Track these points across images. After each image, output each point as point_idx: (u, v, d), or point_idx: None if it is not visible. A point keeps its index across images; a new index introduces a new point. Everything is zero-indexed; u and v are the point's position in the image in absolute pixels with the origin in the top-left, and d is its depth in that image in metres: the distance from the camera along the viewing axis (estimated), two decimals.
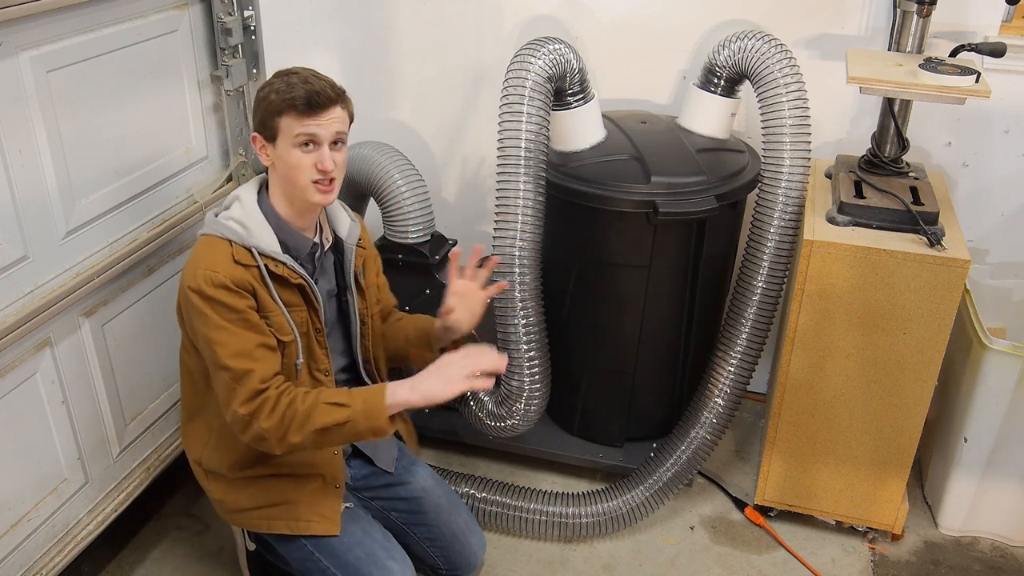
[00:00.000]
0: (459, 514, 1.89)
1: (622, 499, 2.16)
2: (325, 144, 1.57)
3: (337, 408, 1.55)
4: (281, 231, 1.66)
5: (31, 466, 1.76)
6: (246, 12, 2.12)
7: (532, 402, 2.09)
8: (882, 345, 1.93)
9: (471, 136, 2.66)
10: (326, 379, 1.75)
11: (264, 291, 1.61)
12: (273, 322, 1.63)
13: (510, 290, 1.98)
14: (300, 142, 1.56)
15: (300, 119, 1.55)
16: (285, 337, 1.64)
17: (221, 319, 1.55)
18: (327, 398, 1.57)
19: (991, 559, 2.15)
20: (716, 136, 2.18)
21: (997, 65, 2.08)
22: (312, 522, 1.69)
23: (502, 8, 2.47)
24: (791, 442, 2.10)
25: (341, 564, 1.68)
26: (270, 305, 1.62)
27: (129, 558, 2.10)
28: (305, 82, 1.56)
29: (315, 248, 1.71)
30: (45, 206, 1.69)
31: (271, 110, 1.57)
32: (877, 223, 1.92)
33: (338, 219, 1.78)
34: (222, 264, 1.57)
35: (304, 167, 1.57)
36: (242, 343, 1.56)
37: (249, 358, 1.56)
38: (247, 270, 1.59)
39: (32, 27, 1.59)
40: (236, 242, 1.60)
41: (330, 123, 1.57)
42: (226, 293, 1.55)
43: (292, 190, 1.62)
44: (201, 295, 1.54)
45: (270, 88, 1.58)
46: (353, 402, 1.55)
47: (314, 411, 1.55)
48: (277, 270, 1.61)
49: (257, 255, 1.60)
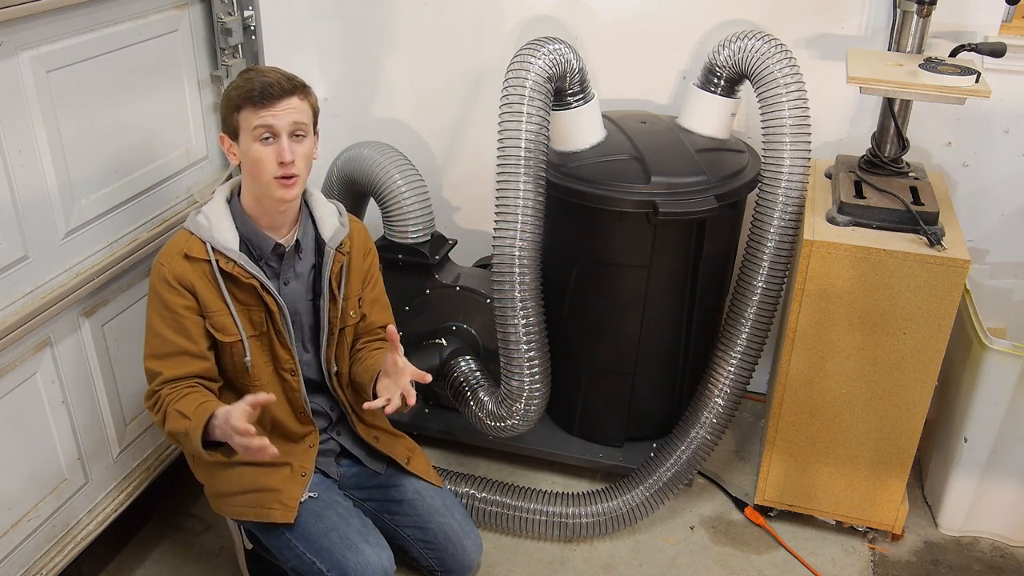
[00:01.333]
0: (454, 516, 1.89)
1: (622, 499, 2.16)
2: (283, 135, 1.59)
3: (180, 418, 1.58)
4: (245, 228, 1.68)
5: (31, 466, 1.76)
6: (246, 12, 2.12)
7: (532, 402, 2.09)
8: (882, 345, 1.92)
9: (471, 136, 2.66)
10: (292, 378, 1.77)
11: (211, 288, 1.64)
12: (216, 322, 1.66)
13: (510, 290, 1.98)
14: (259, 135, 1.58)
15: (256, 111, 1.57)
16: (228, 338, 1.67)
17: (156, 315, 1.63)
18: (180, 405, 1.60)
19: (991, 559, 2.15)
20: (716, 136, 2.18)
21: (997, 65, 2.08)
22: (272, 509, 1.71)
23: (502, 8, 2.47)
24: (791, 442, 2.10)
25: (316, 549, 1.69)
26: (214, 304, 1.65)
27: (129, 558, 2.10)
28: (261, 75, 1.59)
29: (280, 248, 1.71)
30: (45, 206, 1.69)
31: (230, 106, 1.61)
32: (877, 223, 1.92)
33: (324, 221, 1.77)
34: (170, 257, 1.63)
35: (265, 161, 1.59)
36: (163, 346, 1.63)
37: (162, 362, 1.63)
38: (196, 264, 1.63)
39: (32, 27, 1.59)
40: (196, 234, 1.64)
41: (286, 113, 1.58)
42: (166, 288, 1.61)
43: (258, 187, 1.64)
44: (153, 288, 1.63)
45: (231, 86, 1.62)
46: (194, 415, 1.57)
47: (168, 415, 1.61)
48: (227, 267, 1.63)
49: (210, 250, 1.62)
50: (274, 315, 1.70)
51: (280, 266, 1.73)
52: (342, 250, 1.77)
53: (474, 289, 2.28)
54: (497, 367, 2.12)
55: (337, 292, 1.77)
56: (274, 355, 1.74)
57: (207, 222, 1.65)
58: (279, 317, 1.70)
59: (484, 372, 2.25)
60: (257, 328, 1.70)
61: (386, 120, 2.70)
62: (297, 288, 1.76)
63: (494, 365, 2.17)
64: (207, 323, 1.65)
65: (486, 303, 2.26)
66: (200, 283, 1.63)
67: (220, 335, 1.66)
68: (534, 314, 2.02)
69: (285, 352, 1.74)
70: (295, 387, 1.77)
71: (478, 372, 2.24)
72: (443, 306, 2.33)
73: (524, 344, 2.03)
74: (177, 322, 1.62)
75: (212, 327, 1.65)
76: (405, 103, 2.68)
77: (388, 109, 2.69)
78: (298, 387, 1.77)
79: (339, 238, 1.76)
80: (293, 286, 1.75)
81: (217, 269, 1.63)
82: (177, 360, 1.63)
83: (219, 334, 1.66)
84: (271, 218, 1.69)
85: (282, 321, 1.71)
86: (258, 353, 1.71)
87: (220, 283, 1.63)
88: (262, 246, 1.70)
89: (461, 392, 2.22)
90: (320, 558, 1.68)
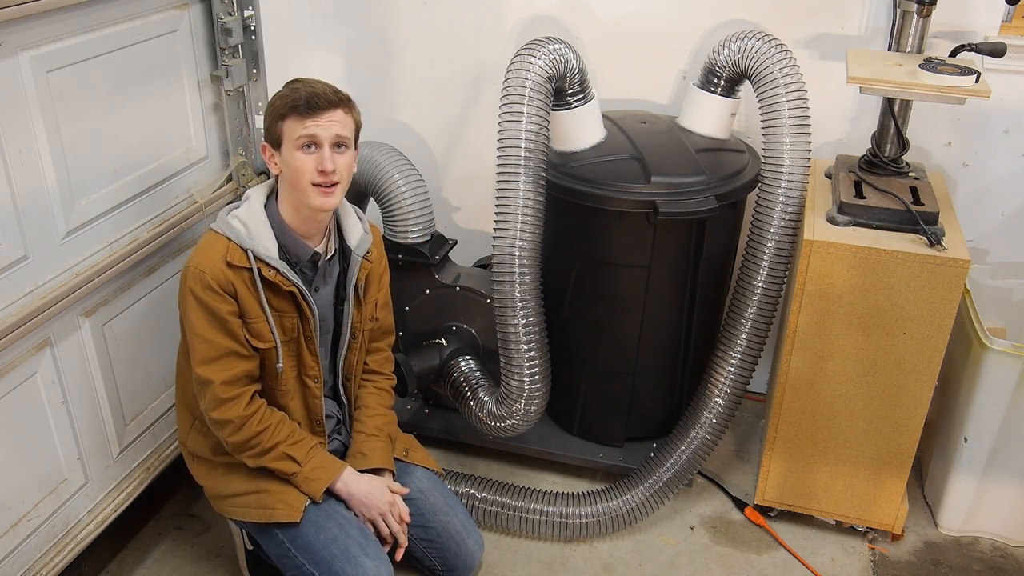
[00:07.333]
0: (456, 515, 1.90)
1: (622, 499, 2.16)
2: (326, 145, 1.62)
3: (289, 462, 1.68)
4: (283, 236, 1.69)
5: (31, 466, 1.76)
6: (246, 12, 2.12)
7: (532, 402, 2.09)
8: (882, 345, 1.93)
9: (471, 136, 2.66)
10: (315, 385, 1.79)
11: (251, 295, 1.65)
12: (253, 328, 1.67)
13: (510, 290, 1.98)
14: (301, 144, 1.61)
15: (301, 120, 1.59)
16: (263, 344, 1.69)
17: (201, 320, 1.63)
18: (288, 449, 1.68)
19: (991, 559, 2.15)
20: (716, 136, 2.18)
21: (997, 65, 2.08)
22: (276, 509, 1.72)
23: (502, 8, 2.47)
24: (791, 442, 2.10)
25: (315, 560, 1.70)
26: (254, 311, 1.66)
27: (129, 558, 2.10)
28: (308, 86, 1.62)
29: (316, 256, 1.73)
30: (45, 206, 1.69)
31: (275, 115, 1.63)
32: (877, 223, 1.92)
33: (350, 229, 1.80)
34: (212, 263, 1.62)
35: (306, 169, 1.61)
36: (212, 350, 1.64)
37: (212, 366, 1.64)
38: (237, 272, 1.63)
39: (32, 27, 1.59)
40: (235, 241, 1.63)
41: (329, 124, 1.61)
42: (211, 295, 1.61)
43: (296, 195, 1.66)
44: (192, 293, 1.62)
45: (277, 95, 1.65)
46: (304, 466, 1.69)
47: (272, 452, 1.67)
48: (269, 275, 1.64)
49: (252, 258, 1.63)
50: (307, 322, 1.72)
51: (314, 274, 1.75)
52: (368, 257, 1.80)
53: (474, 289, 2.29)
54: (497, 367, 2.12)
55: (363, 298, 1.81)
56: (300, 361, 1.76)
57: (245, 229, 1.65)
58: (311, 324, 1.73)
59: (484, 372, 2.25)
60: (288, 334, 1.72)
61: (386, 120, 2.70)
62: (325, 294, 1.79)
63: (494, 365, 2.17)
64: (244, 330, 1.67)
65: (486, 303, 2.26)
66: (241, 290, 1.64)
67: (256, 342, 1.68)
68: (534, 314, 2.02)
69: (312, 358, 1.76)
70: (316, 394, 1.79)
71: (478, 372, 2.24)
72: (443, 306, 2.33)
73: (524, 344, 2.03)
74: (224, 326, 1.63)
75: (249, 334, 1.67)
76: (405, 103, 2.68)
77: (388, 109, 2.69)
78: (319, 394, 1.80)
79: (365, 246, 1.80)
80: (323, 293, 1.78)
81: (259, 277, 1.63)
82: (227, 362, 1.65)
83: (255, 341, 1.68)
84: (307, 227, 1.71)
85: (313, 327, 1.73)
86: (288, 359, 1.73)
87: (260, 291, 1.65)
88: (300, 254, 1.72)
89: (461, 392, 2.23)
90: (319, 569, 1.69)
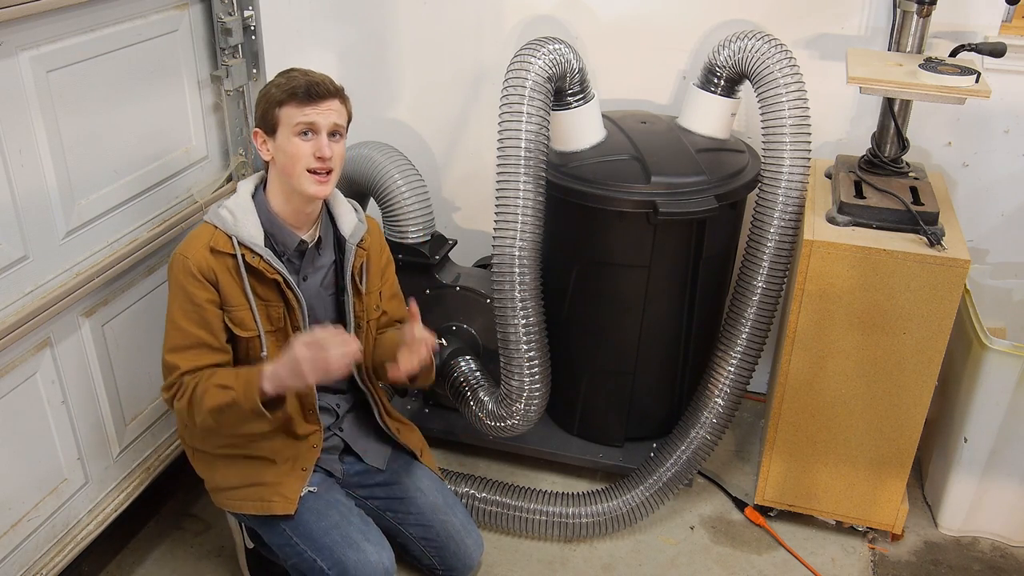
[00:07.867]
0: (455, 515, 1.90)
1: (622, 499, 2.16)
2: (323, 132, 1.63)
3: (223, 390, 1.60)
4: (271, 225, 1.70)
5: (31, 466, 1.76)
6: (246, 12, 2.12)
7: (532, 402, 2.09)
8: (882, 345, 1.92)
9: (471, 136, 2.66)
10: None
11: (234, 282, 1.66)
12: (235, 317, 1.67)
13: (510, 290, 1.98)
14: (299, 130, 1.62)
15: (300, 107, 1.61)
16: (246, 333, 1.69)
17: (177, 308, 1.64)
18: (217, 380, 1.62)
19: (991, 559, 2.15)
20: (716, 136, 2.18)
21: (997, 65, 2.08)
22: (272, 502, 1.73)
23: (502, 8, 2.47)
24: (791, 442, 2.10)
25: (317, 547, 1.70)
26: (236, 299, 1.66)
27: (129, 558, 2.10)
28: (305, 75, 1.64)
29: (303, 245, 1.73)
30: (45, 206, 1.69)
31: (272, 102, 1.64)
32: (877, 223, 1.92)
33: (343, 217, 1.81)
34: (195, 250, 1.63)
35: (302, 155, 1.63)
36: (183, 339, 1.64)
37: (180, 355, 1.64)
38: (220, 258, 1.64)
39: (32, 27, 1.59)
40: (221, 228, 1.65)
41: (328, 112, 1.63)
42: (191, 280, 1.62)
43: (289, 182, 1.66)
44: (175, 280, 1.64)
45: (272, 84, 1.66)
46: (237, 384, 1.60)
47: (206, 393, 1.61)
48: (253, 262, 1.65)
49: (236, 244, 1.64)
50: (293, 311, 1.72)
51: (301, 262, 1.75)
52: (363, 245, 1.81)
53: (474, 289, 2.29)
54: (497, 367, 2.12)
55: (360, 286, 1.81)
56: None
57: (231, 216, 1.67)
58: (298, 313, 1.72)
59: (484, 372, 2.25)
60: (275, 324, 1.72)
61: (386, 120, 2.70)
62: (314, 285, 1.78)
63: (494, 365, 2.17)
64: (226, 317, 1.67)
65: (486, 303, 2.26)
66: (223, 277, 1.65)
67: (238, 330, 1.68)
68: (534, 314, 2.02)
69: None
70: None
71: (478, 372, 2.24)
72: (443, 306, 2.33)
73: (524, 344, 2.03)
74: (199, 315, 1.64)
75: (231, 322, 1.67)
76: (405, 103, 2.68)
77: (388, 109, 2.69)
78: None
79: (359, 234, 1.81)
80: (311, 282, 1.77)
81: (243, 263, 1.64)
82: (196, 353, 1.65)
83: (237, 329, 1.68)
84: (297, 216, 1.72)
85: (300, 317, 1.73)
86: (274, 349, 1.72)
87: (244, 278, 1.65)
88: (286, 242, 1.72)
89: (461, 392, 2.23)
90: (321, 556, 1.69)
